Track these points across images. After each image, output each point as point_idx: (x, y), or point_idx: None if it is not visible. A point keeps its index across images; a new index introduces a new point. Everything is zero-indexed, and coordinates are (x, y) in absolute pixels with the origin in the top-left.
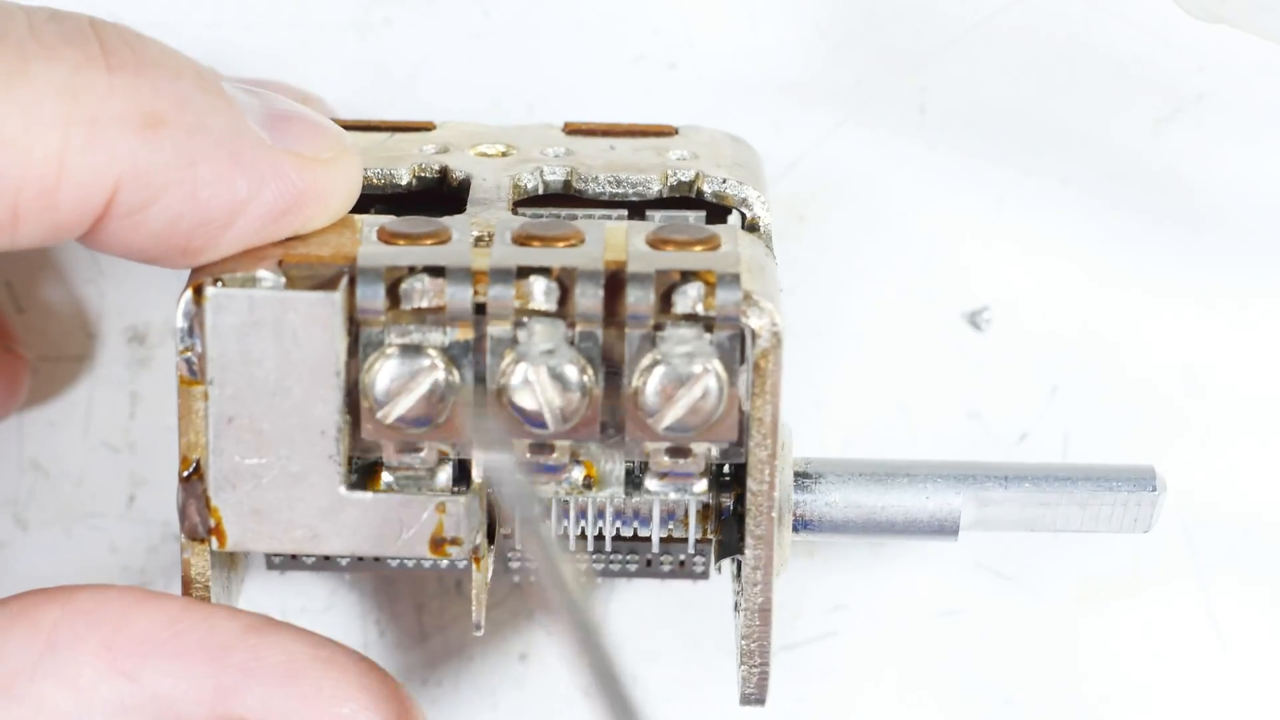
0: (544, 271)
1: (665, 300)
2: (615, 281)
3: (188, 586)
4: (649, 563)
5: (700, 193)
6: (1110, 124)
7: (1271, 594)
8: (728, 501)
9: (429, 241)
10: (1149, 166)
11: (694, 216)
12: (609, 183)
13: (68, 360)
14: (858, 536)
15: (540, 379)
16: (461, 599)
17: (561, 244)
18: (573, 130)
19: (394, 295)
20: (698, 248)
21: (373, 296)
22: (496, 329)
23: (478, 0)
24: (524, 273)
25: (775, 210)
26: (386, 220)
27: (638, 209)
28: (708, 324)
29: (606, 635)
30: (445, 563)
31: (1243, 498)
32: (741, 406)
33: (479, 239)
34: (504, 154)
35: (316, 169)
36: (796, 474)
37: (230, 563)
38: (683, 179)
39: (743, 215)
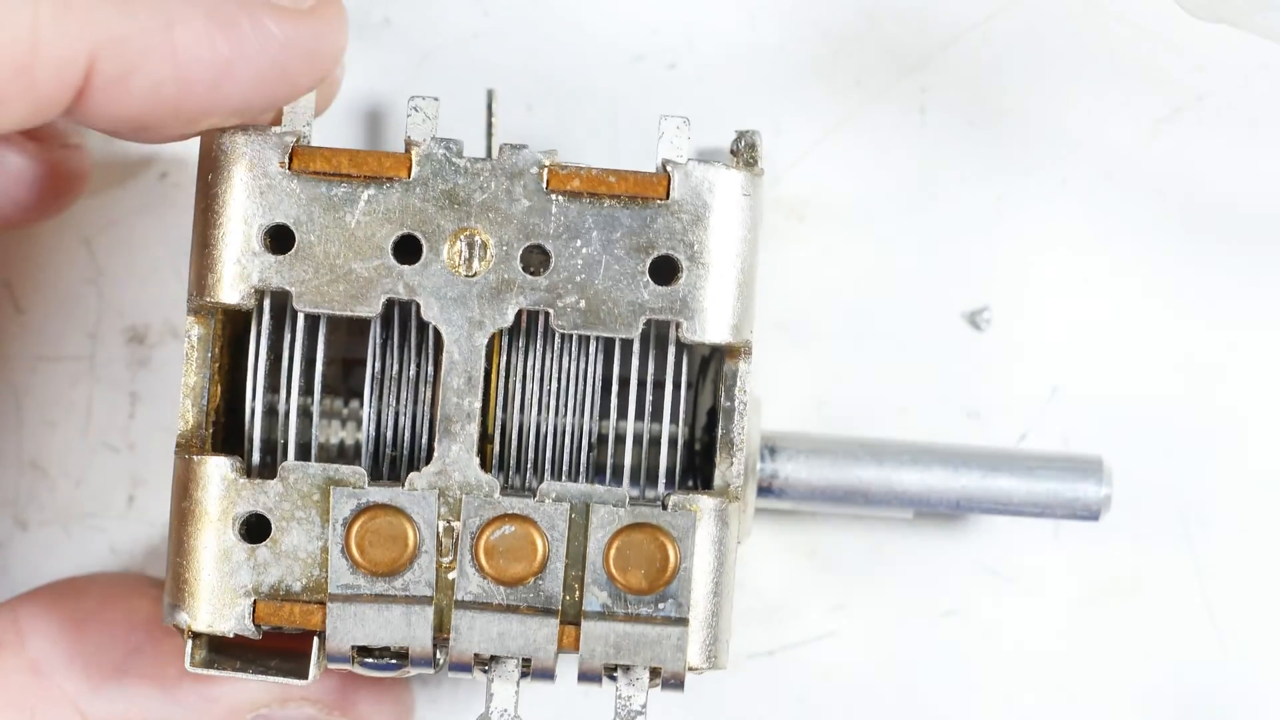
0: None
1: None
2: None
3: None
4: None
5: (679, 341)
6: (1110, 124)
7: (1271, 594)
8: None
9: (395, 567)
10: (1149, 166)
11: (672, 355)
12: (582, 324)
13: (68, 360)
14: (821, 505)
15: None
16: None
17: (522, 579)
18: (555, 188)
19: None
20: (659, 579)
21: (341, 660)
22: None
23: (477, 0)
24: (483, 651)
25: (775, 210)
26: (358, 509)
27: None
28: (654, 671)
29: None
30: None
31: (1242, 497)
32: None
33: (446, 530)
34: (478, 266)
35: (298, 21)
36: (764, 446)
37: None
38: (661, 320)
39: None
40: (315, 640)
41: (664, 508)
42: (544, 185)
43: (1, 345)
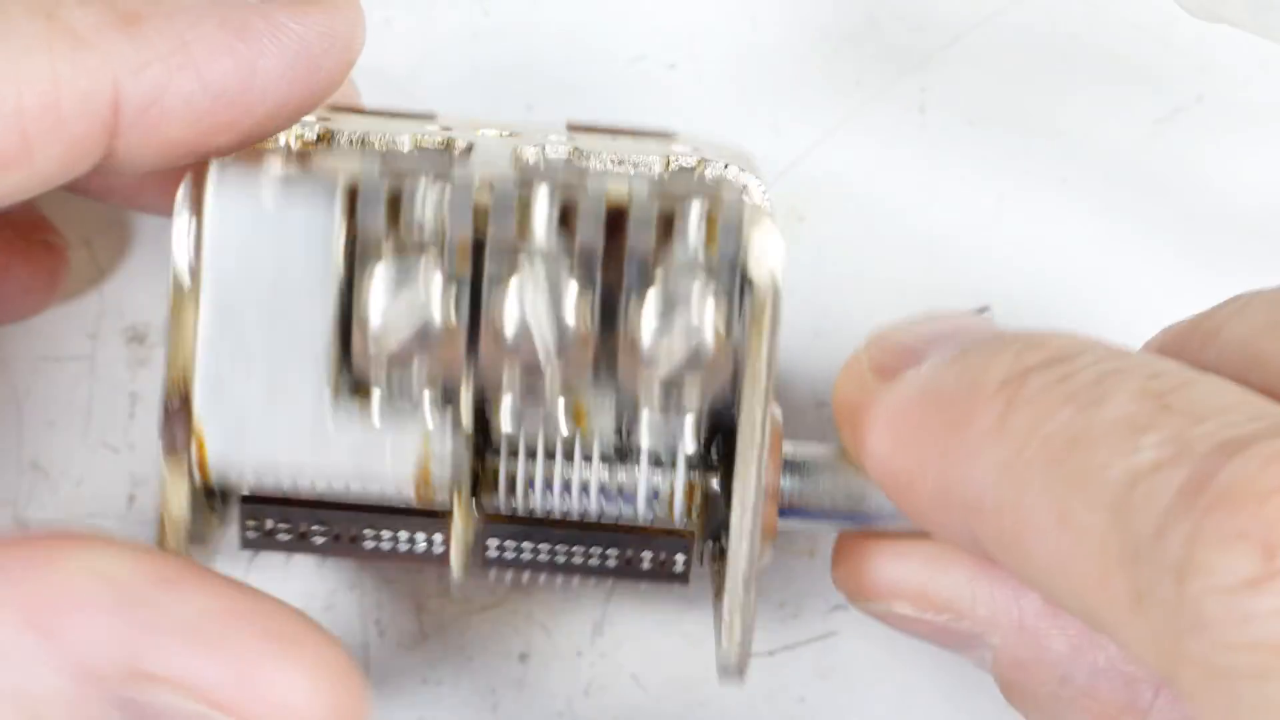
0: (548, 188)
1: (666, 233)
2: (618, 217)
3: (166, 532)
4: (628, 561)
5: (702, 177)
6: (1110, 124)
7: None
8: (714, 481)
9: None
10: (1149, 166)
11: None
12: (612, 161)
13: (68, 360)
14: (842, 524)
15: (536, 303)
16: (462, 599)
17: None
18: (574, 128)
19: (394, 214)
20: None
21: (374, 202)
22: (494, 267)
23: (478, 0)
24: (525, 189)
25: (775, 211)
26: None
27: None
28: (708, 263)
29: None
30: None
31: None
32: (736, 355)
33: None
34: (510, 135)
35: (311, 9)
36: (785, 461)
37: (202, 539)
38: (684, 165)
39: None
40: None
41: None
42: (566, 128)
43: (2, 345)
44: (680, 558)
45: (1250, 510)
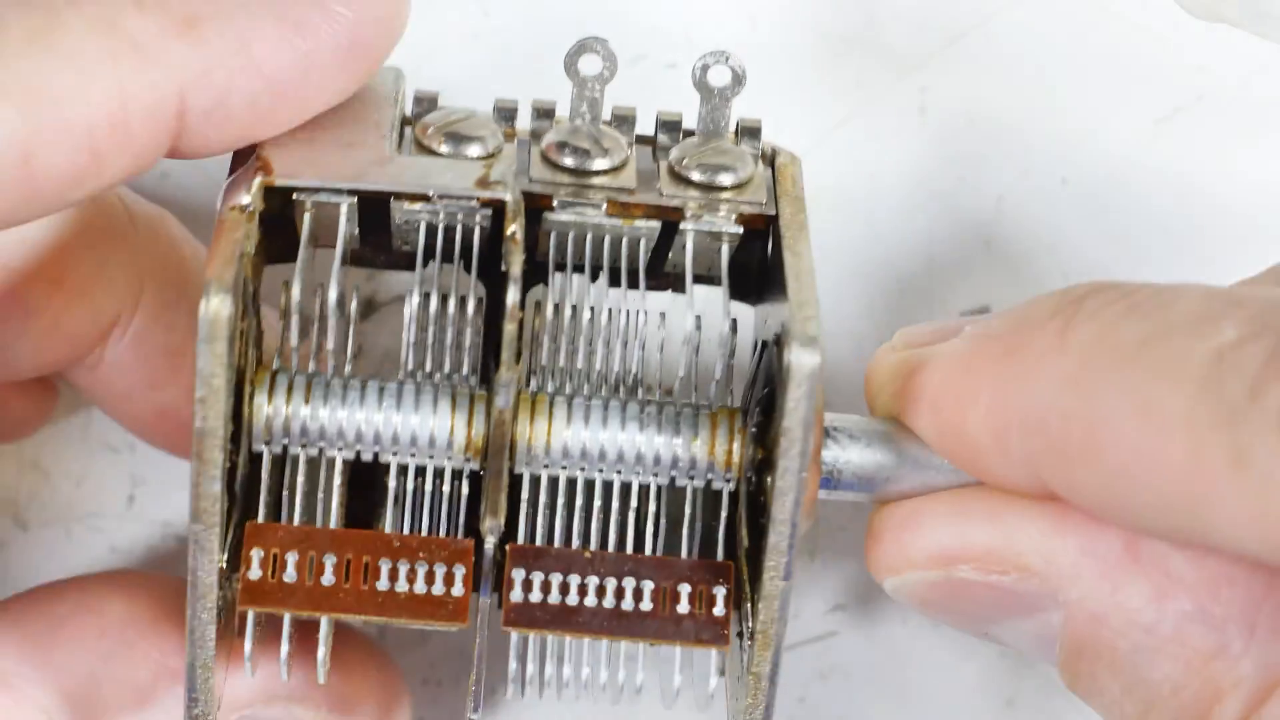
0: None
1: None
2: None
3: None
4: (665, 595)
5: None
6: (1110, 124)
7: None
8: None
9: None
10: (1149, 166)
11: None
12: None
13: None
14: (886, 488)
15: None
16: None
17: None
18: None
19: None
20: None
21: None
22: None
23: (478, 0)
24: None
25: None
26: None
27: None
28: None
29: None
30: (490, 194)
31: None
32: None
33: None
34: None
35: None
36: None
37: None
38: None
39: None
40: None
41: None
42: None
43: None
44: (720, 592)
45: None
